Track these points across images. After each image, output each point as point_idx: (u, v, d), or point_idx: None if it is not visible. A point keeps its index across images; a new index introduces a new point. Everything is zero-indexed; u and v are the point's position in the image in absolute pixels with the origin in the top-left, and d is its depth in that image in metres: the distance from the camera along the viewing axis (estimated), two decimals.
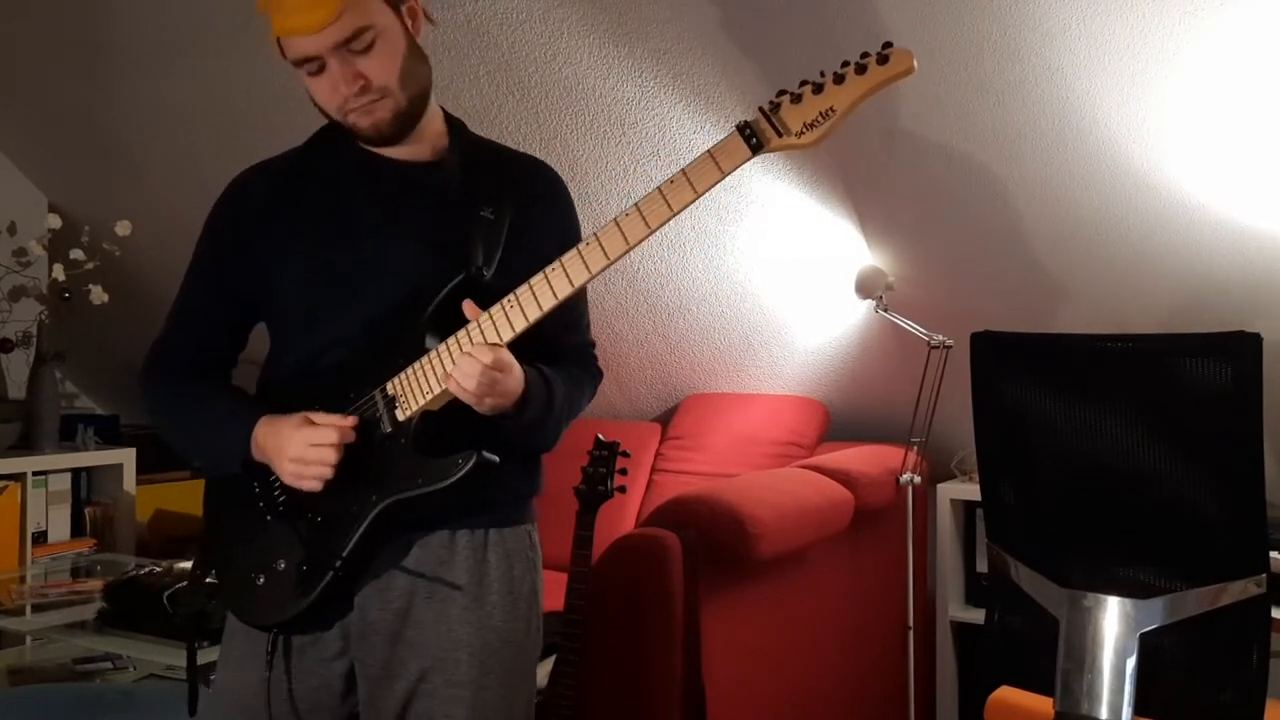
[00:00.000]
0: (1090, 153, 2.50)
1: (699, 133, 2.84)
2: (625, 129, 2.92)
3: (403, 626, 1.52)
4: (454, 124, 1.64)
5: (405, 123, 1.53)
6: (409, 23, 1.52)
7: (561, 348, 1.61)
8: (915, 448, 2.83)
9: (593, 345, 1.73)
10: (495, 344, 1.44)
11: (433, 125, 1.59)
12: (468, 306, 1.46)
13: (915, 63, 1.39)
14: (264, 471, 1.53)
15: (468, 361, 1.42)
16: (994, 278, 2.88)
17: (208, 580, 1.67)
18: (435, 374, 1.47)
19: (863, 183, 2.83)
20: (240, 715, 1.54)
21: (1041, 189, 2.63)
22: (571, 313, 1.63)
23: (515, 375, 1.46)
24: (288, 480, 1.49)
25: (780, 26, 2.51)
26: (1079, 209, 2.63)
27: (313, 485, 1.48)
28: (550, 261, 1.53)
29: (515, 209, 1.58)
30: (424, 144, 1.59)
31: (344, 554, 1.48)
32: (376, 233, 1.55)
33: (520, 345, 1.47)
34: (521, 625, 1.59)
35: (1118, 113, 2.41)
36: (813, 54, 2.53)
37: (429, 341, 1.50)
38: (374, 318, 1.53)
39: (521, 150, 1.72)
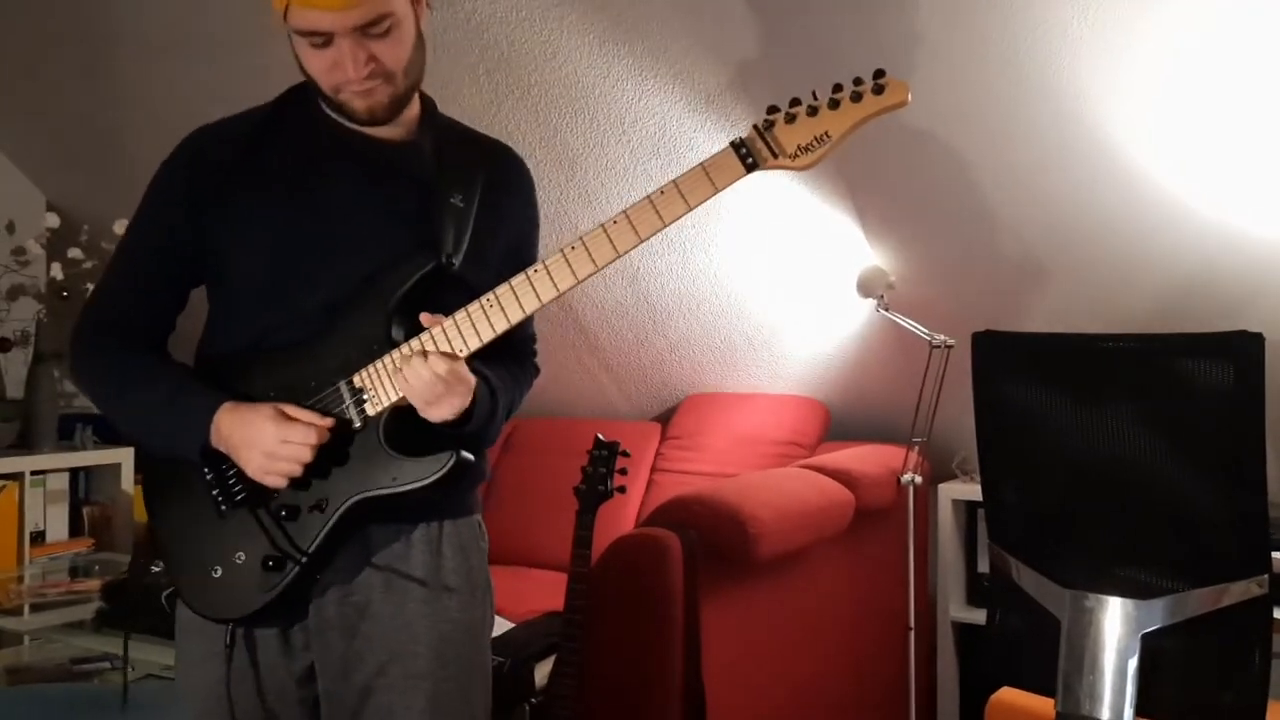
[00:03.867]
0: (1090, 154, 2.50)
1: (699, 131, 2.84)
2: (625, 127, 2.91)
3: (360, 620, 1.50)
4: (426, 104, 1.60)
5: (398, 108, 1.51)
6: (416, 9, 1.49)
7: (505, 342, 1.57)
8: (916, 448, 2.82)
9: (534, 340, 1.72)
10: (451, 355, 1.42)
11: (411, 107, 1.56)
12: (424, 317, 1.44)
13: (910, 95, 1.41)
14: (218, 458, 1.48)
15: (420, 365, 1.41)
16: (995, 277, 2.88)
17: (155, 570, 1.64)
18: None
19: (863, 182, 2.83)
20: (209, 716, 1.51)
21: (1042, 189, 2.63)
22: None
23: (468, 389, 1.45)
24: (253, 474, 1.45)
25: (779, 24, 2.51)
26: (1080, 210, 2.63)
27: (277, 482, 1.44)
28: (512, 251, 1.54)
29: (483, 195, 1.56)
30: (399, 123, 1.54)
31: (310, 549, 1.45)
32: (345, 208, 1.51)
33: None
34: (479, 615, 1.57)
35: (1118, 115, 2.40)
36: (812, 52, 2.52)
37: (395, 331, 1.47)
38: (337, 297, 1.49)
39: (497, 139, 1.69)
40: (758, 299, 3.26)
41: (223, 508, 1.50)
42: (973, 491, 3.03)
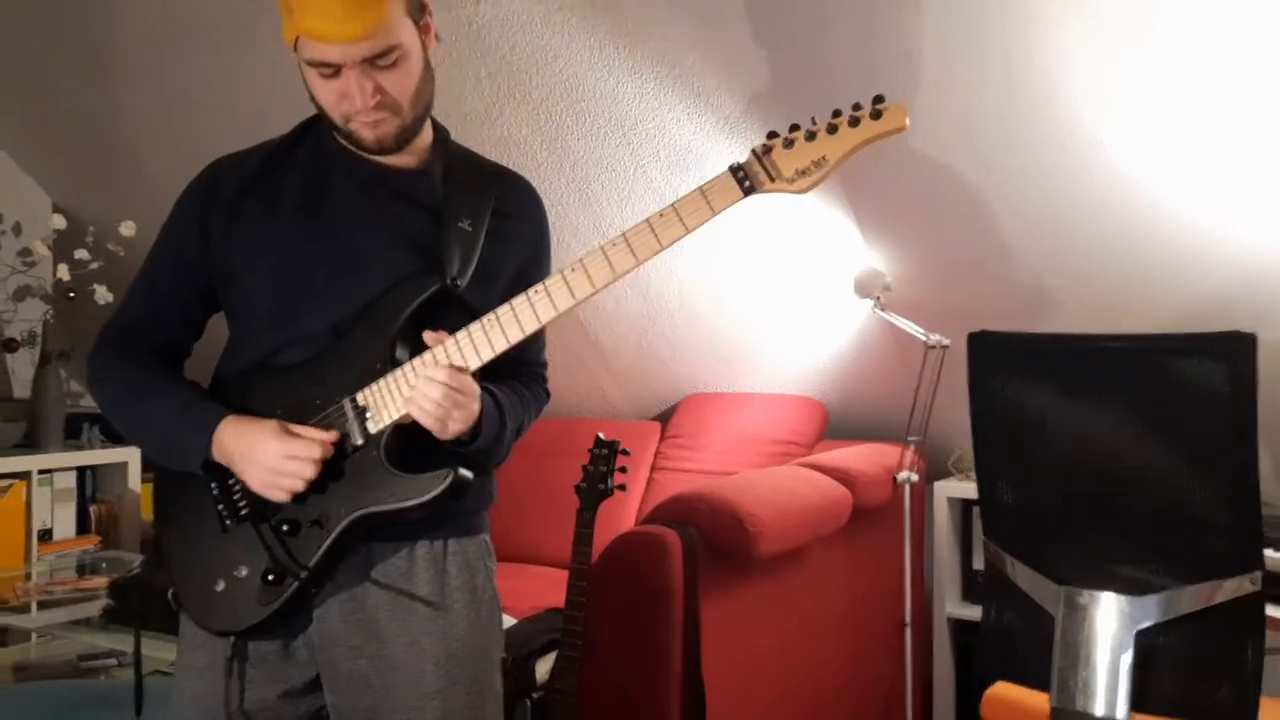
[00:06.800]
0: (1085, 157, 2.51)
1: (699, 134, 2.85)
2: (626, 130, 2.93)
3: (365, 640, 1.50)
4: (439, 133, 1.63)
5: (406, 138, 1.53)
6: (424, 40, 1.51)
7: (514, 365, 1.59)
8: (913, 446, 2.84)
9: (545, 365, 1.72)
10: (454, 367, 1.44)
11: (423, 136, 1.59)
12: (428, 335, 1.46)
13: (908, 120, 1.45)
14: (224, 473, 1.50)
15: (428, 385, 1.42)
16: (991, 278, 2.89)
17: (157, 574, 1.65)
18: (407, 388, 1.46)
19: (861, 185, 2.84)
20: None
21: (1037, 191, 2.64)
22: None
23: (474, 398, 1.46)
24: (256, 488, 1.47)
25: (780, 29, 2.53)
26: (1074, 211, 2.64)
27: (281, 497, 1.46)
28: (519, 276, 1.55)
29: (491, 222, 1.57)
30: (411, 152, 1.57)
31: (310, 564, 1.46)
32: (353, 231, 1.54)
33: None
34: (485, 633, 1.57)
35: (1112, 119, 2.41)
36: (812, 56, 2.54)
37: (399, 352, 1.49)
38: (344, 318, 1.51)
39: (507, 167, 1.70)
40: (757, 299, 3.27)
41: (227, 522, 1.51)
42: (968, 489, 3.05)
